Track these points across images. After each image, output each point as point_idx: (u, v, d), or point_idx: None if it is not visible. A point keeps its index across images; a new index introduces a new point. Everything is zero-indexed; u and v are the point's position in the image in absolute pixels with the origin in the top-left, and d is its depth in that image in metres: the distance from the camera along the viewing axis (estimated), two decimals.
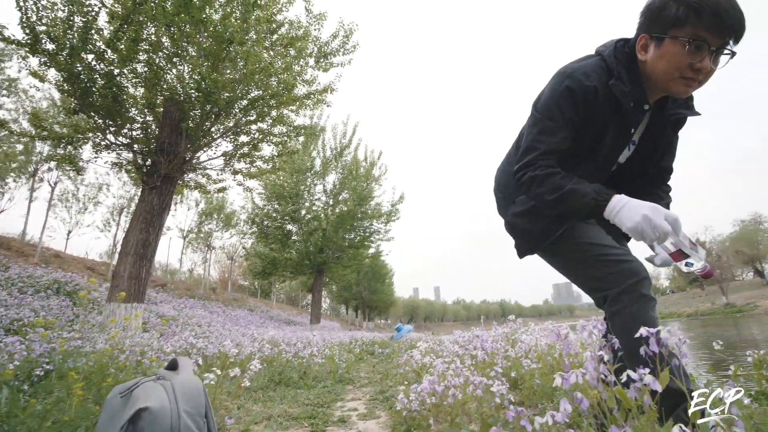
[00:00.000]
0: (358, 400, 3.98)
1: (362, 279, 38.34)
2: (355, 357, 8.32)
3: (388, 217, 19.11)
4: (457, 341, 5.00)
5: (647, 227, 1.07)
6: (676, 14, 1.11)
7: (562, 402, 0.98)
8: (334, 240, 18.15)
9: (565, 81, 1.26)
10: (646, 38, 1.21)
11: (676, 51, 1.13)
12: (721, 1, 1.07)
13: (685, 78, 1.16)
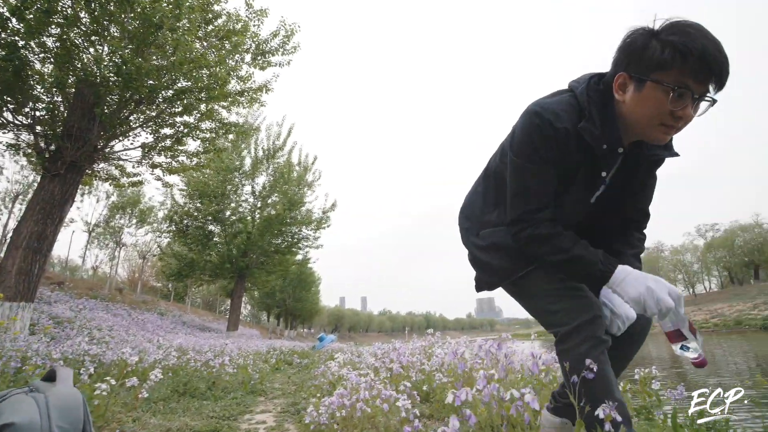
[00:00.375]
0: (268, 413, 3.84)
1: (287, 286, 37.29)
2: (270, 367, 8.03)
3: (318, 224, 18.84)
4: (375, 353, 5.07)
5: (650, 299, 1.04)
6: (661, 57, 1.02)
7: (452, 419, 1.05)
8: (260, 244, 17.49)
9: (535, 119, 1.17)
10: (625, 77, 1.11)
11: (658, 97, 1.05)
12: (708, 46, 1.00)
13: (664, 125, 1.09)
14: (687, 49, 0.99)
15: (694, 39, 1.00)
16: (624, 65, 1.10)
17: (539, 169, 1.19)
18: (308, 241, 19.26)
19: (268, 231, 17.35)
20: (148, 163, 7.24)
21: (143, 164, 7.23)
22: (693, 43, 0.99)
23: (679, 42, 1.00)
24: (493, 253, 1.34)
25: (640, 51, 1.06)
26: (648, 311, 1.06)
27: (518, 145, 1.21)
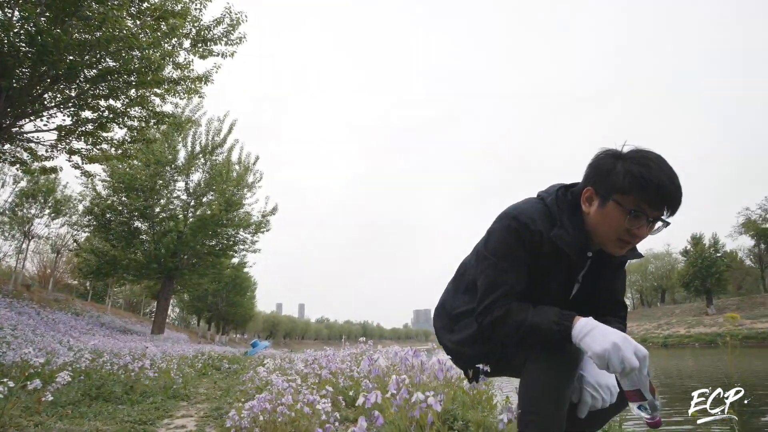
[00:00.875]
0: (189, 417, 3.62)
1: (221, 290, 35.51)
2: (196, 372, 7.57)
3: (257, 228, 18.18)
4: (306, 360, 4.97)
5: (615, 357, 1.03)
6: (622, 182, 1.16)
7: (360, 419, 1.06)
8: (192, 245, 16.53)
9: (512, 223, 1.27)
10: (592, 192, 1.25)
11: (617, 215, 1.18)
12: (663, 179, 1.13)
13: (621, 240, 1.21)
14: (645, 181, 1.13)
15: (652, 172, 1.14)
16: (592, 182, 1.24)
17: (512, 265, 1.27)
18: (245, 244, 18.53)
19: (202, 232, 16.46)
20: (65, 149, 6.58)
21: (59, 149, 6.56)
22: (650, 175, 1.13)
23: (638, 173, 1.14)
24: (473, 345, 1.39)
25: (606, 173, 1.20)
26: (611, 369, 1.04)
27: (494, 245, 1.30)
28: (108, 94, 5.99)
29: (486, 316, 1.25)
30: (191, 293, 29.87)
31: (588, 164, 1.28)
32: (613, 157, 1.21)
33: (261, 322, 78.53)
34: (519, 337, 1.19)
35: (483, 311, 1.27)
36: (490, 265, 1.29)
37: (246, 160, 18.39)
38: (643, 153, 1.19)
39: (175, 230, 16.25)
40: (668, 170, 1.16)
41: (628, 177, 1.15)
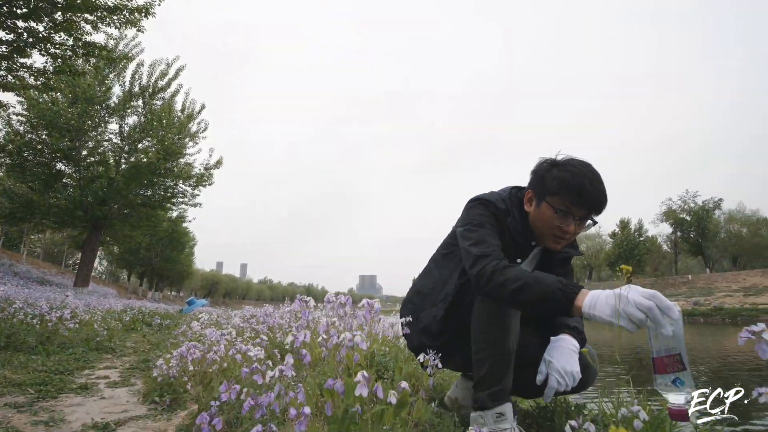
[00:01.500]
0: (113, 369, 3.48)
1: (155, 244, 33.74)
2: (124, 325, 7.26)
3: (198, 181, 17.23)
4: (243, 316, 4.92)
5: (628, 306, 0.96)
6: (551, 185, 1.35)
7: (288, 357, 1.09)
8: (124, 193, 15.39)
9: (483, 202, 1.46)
10: (531, 194, 1.45)
11: (549, 214, 1.36)
12: (585, 183, 1.31)
13: (555, 236, 1.39)
14: (569, 183, 1.32)
15: (576, 177, 1.32)
16: (532, 185, 1.45)
17: (492, 233, 1.41)
18: (185, 197, 17.57)
19: (136, 180, 15.34)
20: None
21: None
22: (573, 180, 1.32)
23: (564, 178, 1.33)
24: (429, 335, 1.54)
25: (541, 178, 1.40)
26: (635, 320, 0.95)
27: (473, 218, 1.45)
28: (27, 14, 5.25)
29: (488, 263, 1.27)
30: (122, 246, 28.13)
31: (531, 171, 1.48)
32: (549, 165, 1.41)
33: (199, 280, 76.20)
34: (517, 288, 1.17)
35: (477, 261, 1.30)
36: (471, 231, 1.40)
37: (190, 108, 17.16)
38: (572, 161, 1.38)
39: (105, 176, 14.99)
40: (591, 176, 1.33)
41: (556, 181, 1.34)
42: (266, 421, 1.11)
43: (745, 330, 0.86)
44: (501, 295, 1.22)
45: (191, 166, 17.08)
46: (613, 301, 1.00)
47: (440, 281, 1.58)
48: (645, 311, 0.93)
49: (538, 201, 1.41)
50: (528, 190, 1.46)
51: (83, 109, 13.88)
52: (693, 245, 45.09)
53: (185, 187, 17.25)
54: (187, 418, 1.89)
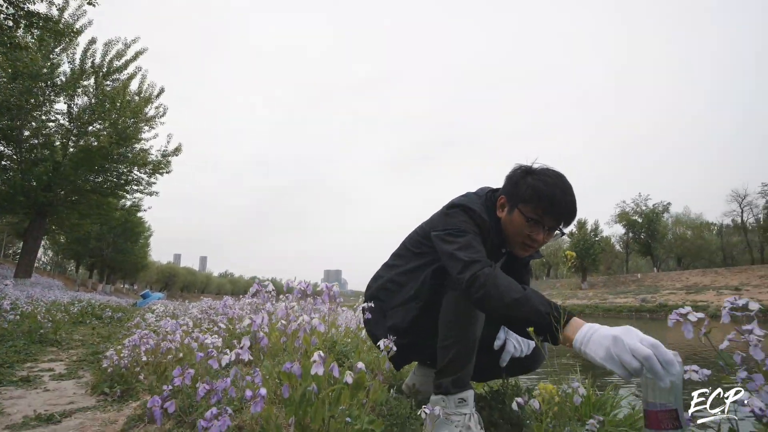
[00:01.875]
0: (59, 362, 3.31)
1: (107, 234, 32.03)
2: (71, 318, 6.86)
3: (155, 168, 16.45)
4: (201, 307, 4.79)
5: (623, 352, 0.88)
6: (524, 194, 1.36)
7: (244, 339, 1.09)
8: (72, 179, 14.47)
9: (467, 211, 1.41)
10: (504, 201, 1.45)
11: (520, 222, 1.38)
12: (557, 194, 1.33)
13: (524, 243, 1.41)
14: (542, 193, 1.33)
15: (549, 187, 1.34)
16: (505, 191, 1.45)
17: (476, 237, 1.36)
18: (140, 185, 16.75)
19: (86, 165, 14.47)
20: None
21: None
22: (546, 189, 1.33)
23: (537, 187, 1.34)
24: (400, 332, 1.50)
25: (515, 185, 1.41)
26: (629, 368, 0.87)
27: (455, 223, 1.40)
28: None
29: (480, 269, 1.22)
30: (69, 235, 26.44)
31: (506, 176, 1.49)
32: (523, 172, 1.42)
33: (155, 272, 73.00)
34: (512, 302, 1.11)
35: (471, 263, 1.25)
36: (459, 236, 1.35)
37: (148, 91, 16.31)
38: (547, 171, 1.40)
39: (50, 160, 14.03)
40: (563, 187, 1.35)
41: (529, 189, 1.35)
42: (222, 405, 1.10)
43: (675, 313, 0.94)
44: (492, 304, 1.16)
45: (147, 152, 16.27)
46: (607, 343, 0.92)
47: (410, 280, 1.55)
48: (642, 360, 0.85)
49: (510, 207, 1.42)
50: (501, 195, 1.47)
51: (26, 86, 12.85)
52: (643, 246, 48.05)
53: (140, 175, 16.45)
54: (140, 408, 1.83)
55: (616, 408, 1.81)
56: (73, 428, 1.66)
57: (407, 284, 1.56)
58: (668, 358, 0.83)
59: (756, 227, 42.22)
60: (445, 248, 1.35)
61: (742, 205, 42.39)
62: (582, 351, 0.97)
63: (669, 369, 0.82)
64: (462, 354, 1.34)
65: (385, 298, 1.60)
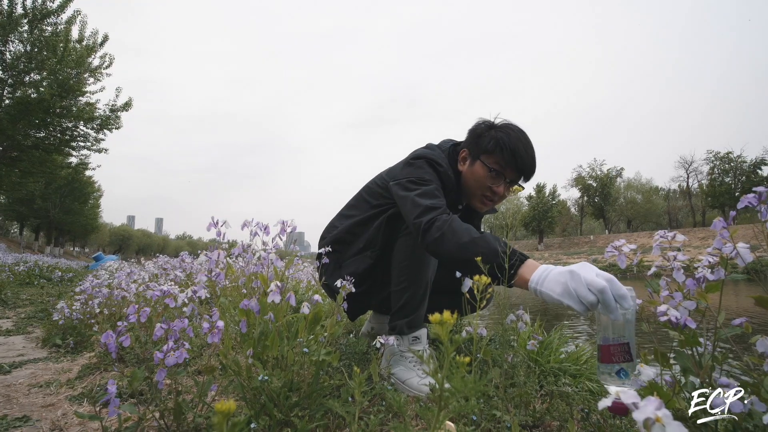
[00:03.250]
0: (5, 319, 3.16)
1: (53, 194, 30.01)
2: (16, 277, 6.51)
3: (103, 123, 15.32)
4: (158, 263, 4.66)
5: (580, 287, 0.87)
6: (487, 144, 1.38)
7: (200, 275, 1.08)
8: (10, 134, 13.29)
9: (432, 164, 1.40)
10: (466, 153, 1.47)
11: (482, 173, 1.40)
12: (519, 147, 1.36)
13: (484, 196, 1.44)
14: (504, 144, 1.36)
15: (511, 139, 1.37)
16: (467, 144, 1.47)
17: (438, 188, 1.36)
18: (87, 141, 15.62)
19: (25, 119, 13.27)
20: None
21: None
22: (509, 141, 1.36)
23: (500, 138, 1.37)
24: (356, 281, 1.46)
25: (478, 136, 1.43)
26: (585, 302, 0.86)
27: (419, 174, 1.38)
28: None
29: (438, 215, 1.21)
30: (10, 194, 24.57)
31: (468, 130, 1.50)
32: (486, 126, 1.45)
33: (107, 235, 69.74)
34: (466, 243, 1.10)
35: (429, 209, 1.24)
36: (421, 185, 1.34)
37: (91, 39, 14.89)
38: (509, 125, 1.43)
39: None
40: (525, 140, 1.39)
41: (492, 141, 1.38)
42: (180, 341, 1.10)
43: (610, 246, 1.01)
44: (447, 248, 1.14)
45: (93, 106, 15.08)
46: (564, 279, 0.90)
47: (366, 230, 1.56)
48: (597, 293, 0.84)
49: (472, 159, 1.44)
50: (463, 149, 1.49)
51: None
52: (596, 209, 50.73)
53: (87, 130, 15.30)
54: (95, 358, 1.80)
55: (562, 347, 1.97)
56: (24, 377, 1.62)
57: (362, 234, 1.57)
58: (622, 293, 0.84)
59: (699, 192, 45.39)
60: (404, 194, 1.34)
61: (688, 171, 45.28)
62: (538, 290, 0.96)
63: (622, 303, 0.83)
64: (415, 296, 1.40)
65: (340, 249, 1.60)
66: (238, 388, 1.01)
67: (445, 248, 1.16)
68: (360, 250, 1.55)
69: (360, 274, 1.50)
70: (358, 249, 1.56)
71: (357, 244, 1.57)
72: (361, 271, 1.51)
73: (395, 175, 1.46)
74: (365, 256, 1.53)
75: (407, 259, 1.40)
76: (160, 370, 0.88)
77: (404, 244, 1.42)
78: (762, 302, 0.65)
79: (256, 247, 1.24)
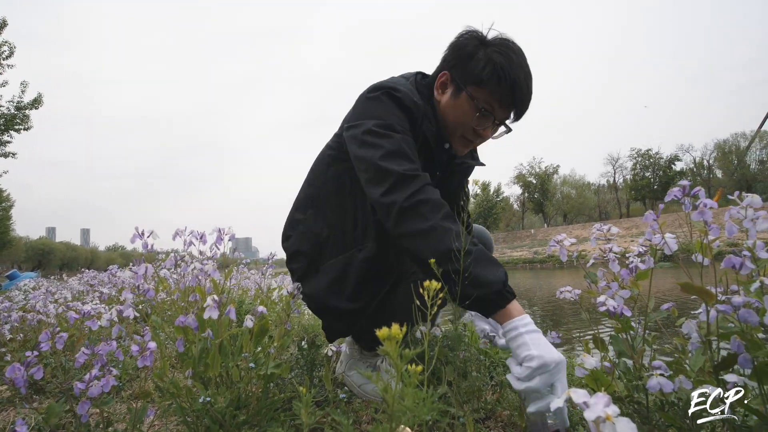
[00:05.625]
0: None
1: None
2: None
3: (8, 123, 13.76)
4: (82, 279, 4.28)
5: (560, 375, 0.81)
6: (480, 73, 1.03)
7: (125, 293, 0.99)
8: None
9: (392, 95, 1.05)
10: (447, 78, 1.10)
11: (467, 110, 1.07)
12: (521, 77, 1.03)
13: (465, 138, 1.12)
14: (503, 73, 1.02)
15: (512, 66, 1.03)
16: (450, 65, 1.10)
17: (406, 138, 1.02)
18: None
19: None
20: None
21: None
22: (510, 69, 1.02)
23: (499, 64, 1.02)
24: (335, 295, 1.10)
25: (467, 59, 1.06)
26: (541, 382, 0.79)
27: (378, 112, 1.04)
28: None
29: (415, 195, 0.92)
30: None
31: (449, 44, 1.12)
32: (477, 41, 1.07)
33: (23, 249, 62.95)
34: (450, 250, 0.87)
35: (404, 179, 0.93)
36: (385, 137, 1.00)
37: None
38: (508, 44, 1.07)
39: None
40: (526, 68, 1.06)
41: (488, 67, 1.03)
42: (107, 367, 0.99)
43: (553, 240, 1.05)
44: (426, 246, 0.89)
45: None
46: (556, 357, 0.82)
47: (340, 216, 1.15)
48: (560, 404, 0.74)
49: (456, 89, 1.09)
50: (443, 71, 1.11)
51: None
52: (536, 204, 54.18)
53: None
54: (8, 391, 1.59)
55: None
56: None
57: (338, 224, 1.14)
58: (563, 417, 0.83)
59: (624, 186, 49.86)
60: (362, 154, 1.00)
61: (615, 167, 49.60)
62: (519, 334, 0.85)
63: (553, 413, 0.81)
64: None
65: (311, 250, 1.17)
66: (178, 411, 0.93)
67: (420, 249, 0.90)
68: (343, 247, 1.12)
69: (351, 287, 1.11)
70: (340, 248, 1.13)
71: (334, 239, 1.15)
72: (351, 283, 1.11)
73: (348, 119, 1.11)
74: (351, 257, 1.10)
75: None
76: (82, 402, 0.78)
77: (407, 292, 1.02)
78: (687, 288, 0.70)
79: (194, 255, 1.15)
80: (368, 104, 1.08)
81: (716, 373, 0.67)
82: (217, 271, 0.91)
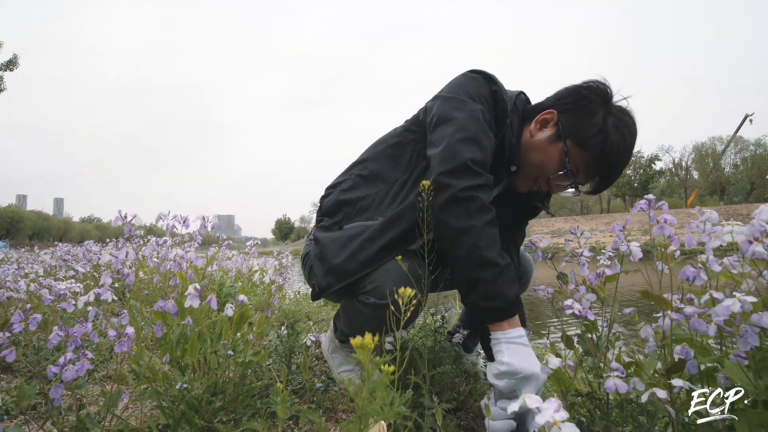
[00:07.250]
0: None
1: None
2: None
3: None
4: (54, 254, 4.18)
5: (537, 385, 0.86)
6: (589, 137, 0.98)
7: (104, 276, 0.99)
8: None
9: (490, 80, 1.03)
10: (554, 119, 1.03)
11: (555, 160, 1.02)
12: (622, 161, 1.00)
13: (535, 181, 1.09)
14: (610, 151, 0.98)
15: (621, 147, 0.98)
16: (562, 108, 1.03)
17: (487, 129, 0.99)
18: None
19: None
20: None
21: None
22: (618, 150, 0.98)
23: (610, 141, 0.97)
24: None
25: (584, 113, 1.00)
26: (518, 390, 0.86)
27: (470, 89, 1.02)
28: None
29: (475, 192, 0.91)
30: None
31: (573, 87, 1.06)
32: (601, 100, 1.02)
33: None
34: (488, 259, 0.89)
35: (465, 176, 0.92)
36: (470, 115, 0.98)
37: None
38: (627, 120, 1.01)
39: None
40: (631, 152, 1.03)
41: (599, 137, 0.98)
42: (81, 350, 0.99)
43: (528, 240, 1.10)
44: (462, 243, 0.90)
45: None
46: (535, 369, 0.86)
47: (390, 191, 1.09)
48: (524, 411, 0.84)
49: (556, 134, 1.02)
50: (550, 109, 1.05)
51: None
52: None
53: None
54: None
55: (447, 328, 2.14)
56: None
57: (379, 194, 1.10)
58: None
59: None
60: (442, 115, 1.00)
61: None
62: (499, 343, 0.90)
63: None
64: None
65: (343, 211, 1.12)
66: (154, 396, 0.94)
67: (459, 241, 0.90)
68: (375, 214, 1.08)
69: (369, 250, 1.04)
70: (372, 214, 1.08)
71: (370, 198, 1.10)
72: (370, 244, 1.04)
73: (439, 91, 1.08)
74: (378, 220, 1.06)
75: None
76: (55, 386, 0.79)
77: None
78: (647, 296, 0.75)
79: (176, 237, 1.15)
80: (465, 81, 1.05)
81: (668, 376, 0.72)
82: (200, 258, 0.91)
